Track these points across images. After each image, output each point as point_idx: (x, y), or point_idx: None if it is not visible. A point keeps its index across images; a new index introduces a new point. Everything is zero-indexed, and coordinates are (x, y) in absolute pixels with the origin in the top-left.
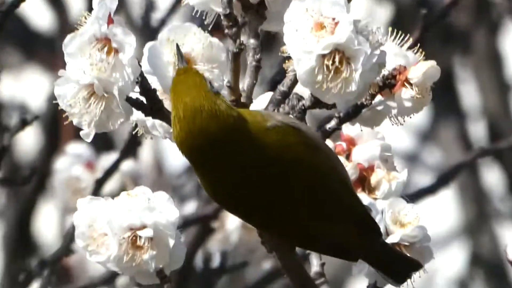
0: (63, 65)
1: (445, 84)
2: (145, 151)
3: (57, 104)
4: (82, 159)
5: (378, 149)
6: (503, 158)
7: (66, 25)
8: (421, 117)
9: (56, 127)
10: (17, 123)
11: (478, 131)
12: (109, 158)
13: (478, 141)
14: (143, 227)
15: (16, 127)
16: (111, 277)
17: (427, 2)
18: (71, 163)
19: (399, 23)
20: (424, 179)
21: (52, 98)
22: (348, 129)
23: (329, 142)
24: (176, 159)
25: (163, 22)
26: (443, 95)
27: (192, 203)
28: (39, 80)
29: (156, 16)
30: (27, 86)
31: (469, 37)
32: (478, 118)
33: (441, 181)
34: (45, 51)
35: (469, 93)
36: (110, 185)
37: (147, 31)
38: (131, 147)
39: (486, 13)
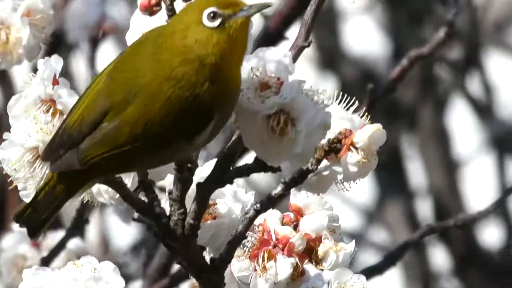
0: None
1: (391, 161)
2: (92, 229)
3: (3, 182)
4: (27, 237)
5: (325, 219)
6: (450, 237)
7: (10, 98)
8: (367, 196)
9: (2, 204)
10: None
11: (424, 209)
12: (56, 236)
13: (424, 220)
14: None
15: None
16: None
17: (373, 76)
18: (17, 241)
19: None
20: (370, 258)
21: None
22: (295, 199)
23: (276, 212)
24: (122, 238)
25: None
26: (389, 173)
27: (137, 283)
28: None
29: None
30: None
31: (415, 113)
32: (424, 196)
33: (388, 260)
34: None
35: (416, 171)
36: (57, 263)
37: None
38: (78, 225)
39: (432, 89)
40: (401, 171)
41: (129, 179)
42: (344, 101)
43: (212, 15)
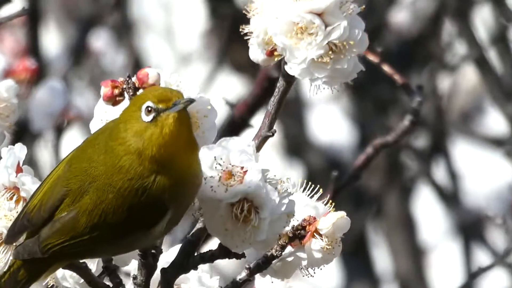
0: None
1: (357, 248)
2: None
3: None
4: None
5: None
6: None
7: None
8: (334, 281)
9: None
10: None
11: None
12: None
13: None
14: None
15: None
16: None
17: (338, 164)
18: None
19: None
20: None
21: None
22: (260, 284)
23: None
24: None
25: None
26: (355, 259)
27: None
28: None
29: None
30: None
31: (381, 200)
32: (390, 282)
33: None
34: None
35: (382, 257)
36: None
37: None
38: None
39: (398, 176)
40: (367, 257)
41: (94, 264)
42: (309, 189)
43: (148, 109)
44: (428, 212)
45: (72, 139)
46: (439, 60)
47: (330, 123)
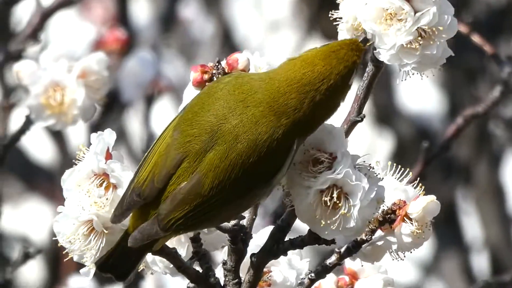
0: (63, 197)
1: (447, 216)
2: (147, 284)
3: (56, 249)
4: None
5: (380, 283)
6: None
7: (66, 158)
8: (424, 250)
9: (58, 260)
10: (20, 256)
11: (481, 263)
12: None
13: (481, 274)
14: None
15: (19, 261)
16: None
17: (428, 134)
18: None
19: (401, 156)
20: None
21: (53, 230)
22: (350, 262)
23: (331, 276)
24: None
25: None
26: (445, 228)
27: None
28: (40, 211)
29: None
30: (28, 217)
31: (470, 169)
32: (480, 251)
33: None
34: (46, 183)
35: (472, 226)
36: None
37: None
38: (134, 280)
39: (487, 145)
40: (457, 225)
41: (184, 249)
42: (398, 171)
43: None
44: None
45: (163, 109)
46: None
47: (420, 92)
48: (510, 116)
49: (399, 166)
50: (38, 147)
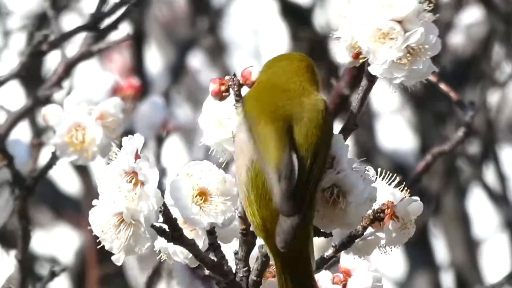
0: (88, 224)
1: (419, 240)
2: None
3: (83, 257)
4: None
5: (370, 280)
6: None
7: (90, 189)
8: (399, 269)
9: (83, 277)
10: (48, 274)
11: (448, 281)
12: None
13: None
14: None
15: (47, 278)
16: None
17: (403, 168)
18: None
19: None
20: None
21: (78, 252)
22: (344, 261)
23: (327, 273)
24: None
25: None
26: (418, 250)
27: None
28: (67, 236)
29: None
30: (57, 242)
31: (440, 199)
32: (448, 270)
33: None
34: (72, 211)
35: (440, 248)
36: None
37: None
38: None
39: (454, 178)
40: (428, 248)
41: (201, 241)
42: (387, 177)
43: None
44: (480, 209)
45: (172, 147)
46: (490, 77)
47: (396, 132)
48: (474, 153)
49: (388, 173)
50: (66, 180)
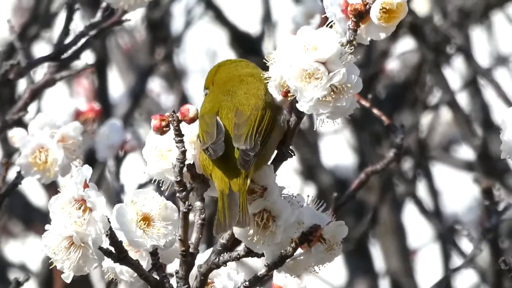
0: None
1: (359, 249)
2: None
3: (50, 264)
4: None
5: None
6: None
7: None
8: (341, 276)
9: (50, 283)
10: (13, 283)
11: (384, 286)
12: None
13: None
14: None
15: (13, 286)
16: None
17: (343, 184)
18: None
19: (321, 200)
20: None
21: (45, 260)
22: (277, 279)
23: None
24: None
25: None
26: (357, 258)
27: None
28: (36, 245)
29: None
30: (27, 250)
31: (377, 212)
32: (385, 277)
33: None
34: (41, 223)
35: (378, 257)
36: None
37: (116, 197)
38: None
39: (390, 193)
40: (366, 256)
41: (144, 262)
42: (316, 203)
43: None
44: (414, 221)
45: (129, 165)
46: (422, 101)
47: (336, 151)
48: (408, 170)
49: (316, 198)
50: (35, 194)
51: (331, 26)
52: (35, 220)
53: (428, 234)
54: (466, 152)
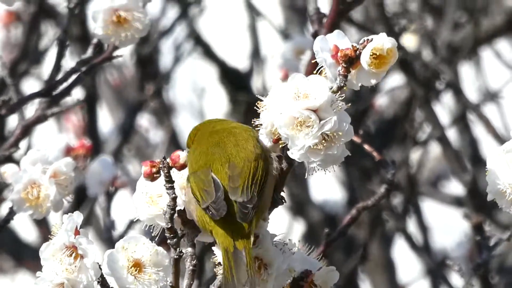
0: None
1: (348, 284)
2: None
3: None
4: None
5: None
6: None
7: (48, 238)
8: None
9: None
10: None
11: None
12: None
13: None
14: None
15: None
16: None
17: (333, 219)
18: None
19: (312, 236)
20: None
21: None
22: None
23: None
24: None
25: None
26: None
27: None
28: (27, 281)
29: (117, 229)
30: (18, 286)
31: (367, 247)
32: None
33: None
34: (31, 259)
35: None
36: None
37: (109, 241)
38: None
39: (379, 228)
40: None
41: None
42: (307, 247)
43: None
44: (403, 257)
45: (120, 201)
46: (412, 137)
47: (326, 186)
48: (398, 205)
49: (308, 244)
50: (26, 230)
51: (321, 72)
52: (26, 256)
53: (418, 269)
54: (455, 188)
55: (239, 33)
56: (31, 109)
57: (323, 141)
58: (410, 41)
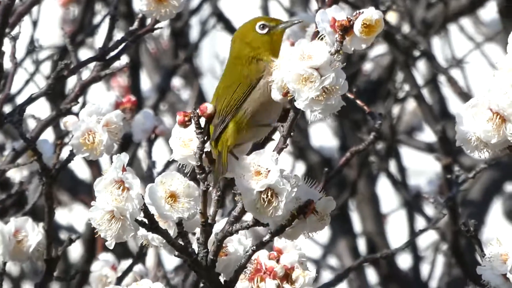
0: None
1: (341, 214)
2: (150, 258)
3: (94, 228)
4: (109, 263)
5: (297, 256)
6: (378, 264)
7: (99, 176)
8: (325, 235)
9: (93, 243)
10: (67, 240)
11: (361, 245)
12: (126, 263)
13: (362, 252)
14: None
15: (66, 243)
16: None
17: (329, 161)
18: (102, 266)
19: (311, 176)
20: (326, 278)
21: (89, 224)
22: (277, 243)
23: (265, 251)
24: (169, 263)
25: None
26: (339, 221)
27: None
28: (81, 212)
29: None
30: (74, 216)
31: (356, 184)
32: (362, 237)
33: (338, 279)
34: (85, 194)
35: (356, 220)
36: (126, 281)
37: (149, 178)
38: (140, 256)
39: (366, 169)
40: (347, 220)
41: (172, 231)
42: (309, 181)
43: (262, 26)
44: (386, 192)
45: (159, 147)
46: (393, 95)
47: (323, 135)
48: (381, 150)
49: (310, 178)
50: (81, 170)
51: (322, 38)
52: (80, 191)
53: (397, 202)
54: (428, 136)
55: (253, 12)
56: (86, 72)
57: (324, 93)
58: (392, 17)
